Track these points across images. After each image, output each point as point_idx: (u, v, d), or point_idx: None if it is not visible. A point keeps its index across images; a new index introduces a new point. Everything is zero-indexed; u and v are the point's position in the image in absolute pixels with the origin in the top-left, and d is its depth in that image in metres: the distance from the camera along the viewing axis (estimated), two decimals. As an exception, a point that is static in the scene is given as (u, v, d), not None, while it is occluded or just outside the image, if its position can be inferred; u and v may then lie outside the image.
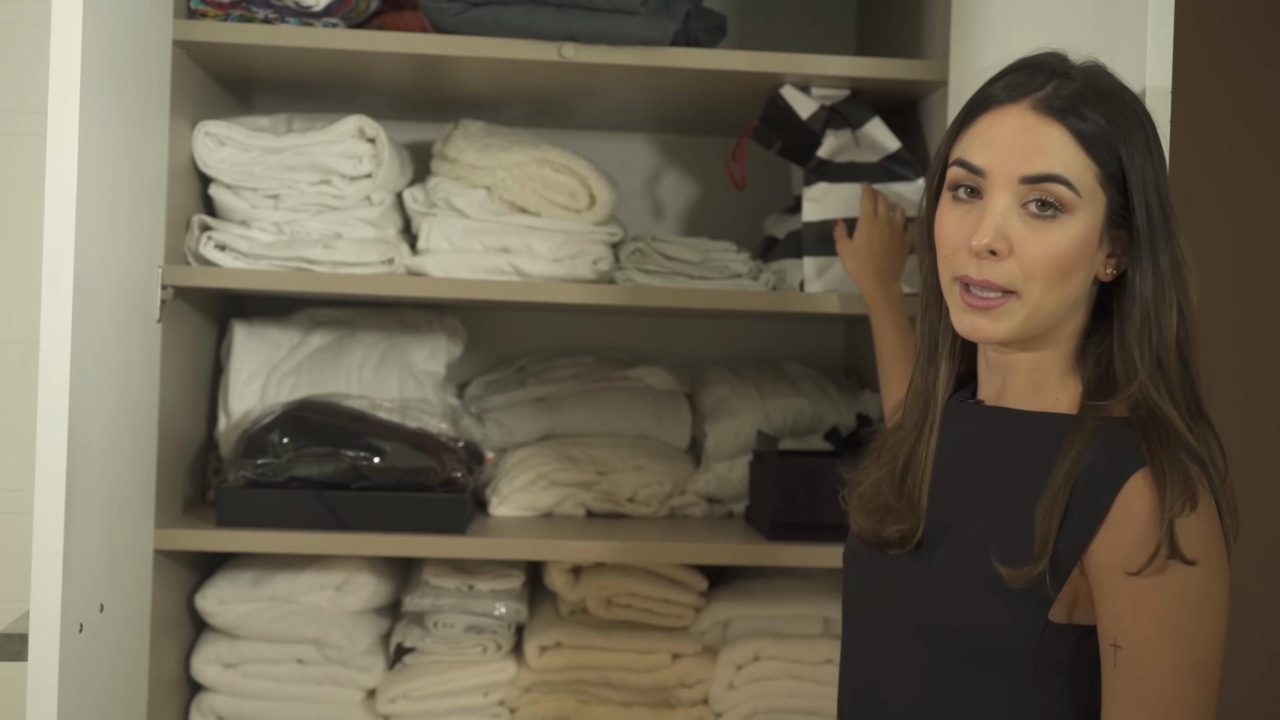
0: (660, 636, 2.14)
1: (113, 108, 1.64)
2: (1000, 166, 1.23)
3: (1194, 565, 1.15)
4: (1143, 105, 1.27)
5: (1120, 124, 1.22)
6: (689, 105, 2.30)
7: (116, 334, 1.70)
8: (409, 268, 2.09)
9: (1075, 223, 1.21)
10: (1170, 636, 1.15)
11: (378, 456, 2.04)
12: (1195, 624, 1.15)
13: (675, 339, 2.58)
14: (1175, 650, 1.15)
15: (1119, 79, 1.27)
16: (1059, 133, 1.22)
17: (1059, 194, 1.21)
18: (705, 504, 2.31)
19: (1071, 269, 1.21)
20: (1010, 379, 1.30)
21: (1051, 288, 1.22)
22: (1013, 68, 1.28)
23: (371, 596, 2.16)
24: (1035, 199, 1.22)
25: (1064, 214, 1.21)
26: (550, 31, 1.98)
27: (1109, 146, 1.22)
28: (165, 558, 2.02)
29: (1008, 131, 1.23)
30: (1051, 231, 1.21)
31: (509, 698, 2.14)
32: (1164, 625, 1.15)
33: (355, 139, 2.07)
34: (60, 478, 1.48)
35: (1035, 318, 1.23)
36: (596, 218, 2.14)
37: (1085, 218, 1.21)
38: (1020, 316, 1.23)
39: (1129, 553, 1.16)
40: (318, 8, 2.03)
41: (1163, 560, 1.14)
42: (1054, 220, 1.21)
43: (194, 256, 2.05)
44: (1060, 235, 1.21)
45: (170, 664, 2.09)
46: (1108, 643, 1.18)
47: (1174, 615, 1.15)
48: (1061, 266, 1.21)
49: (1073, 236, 1.21)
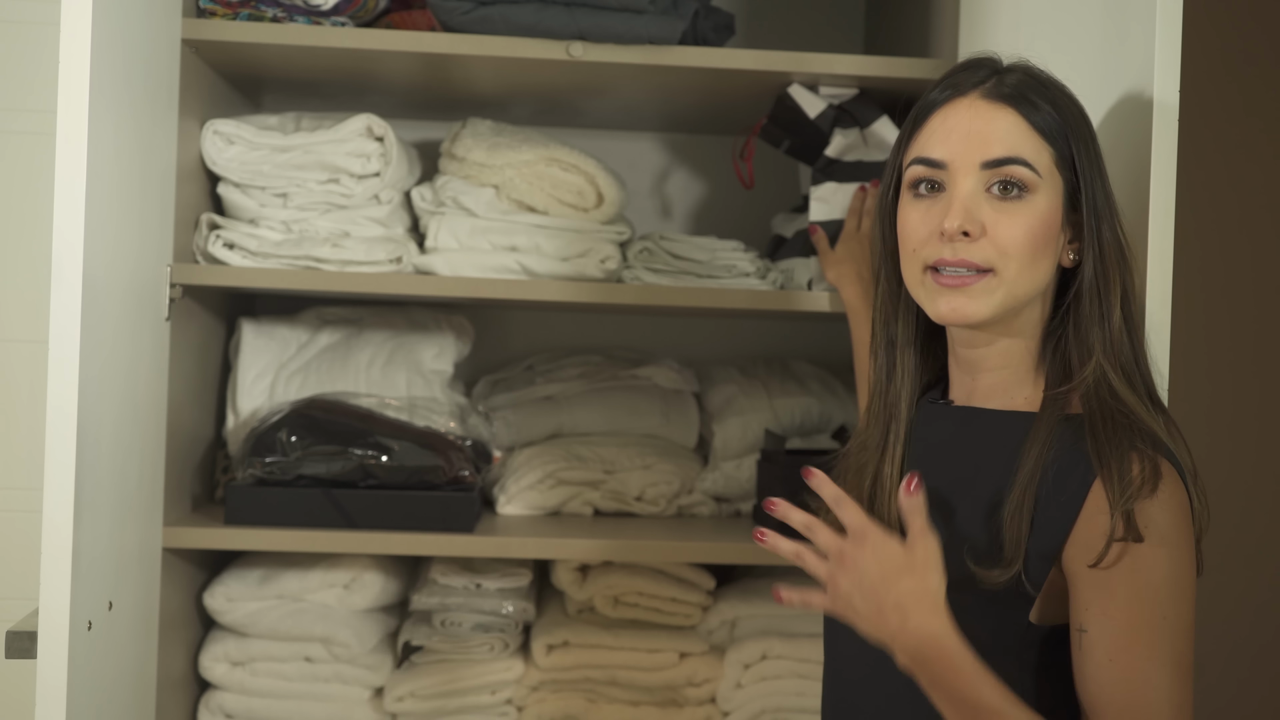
0: (668, 635, 2.14)
1: (122, 106, 1.65)
2: (960, 155, 1.25)
3: (1159, 550, 1.15)
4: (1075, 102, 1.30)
5: (1064, 112, 1.26)
6: (697, 104, 2.30)
7: (125, 332, 1.70)
8: (417, 266, 2.09)
9: (1039, 202, 1.24)
10: (1140, 623, 1.15)
11: (386, 455, 2.04)
12: (1164, 609, 1.15)
13: (683, 338, 2.58)
14: (1146, 636, 1.15)
15: (1053, 76, 1.30)
16: (1012, 116, 1.24)
17: (1020, 175, 1.23)
18: (713, 503, 2.31)
19: (1042, 247, 1.24)
20: (980, 377, 1.31)
21: (1026, 266, 1.23)
22: (950, 72, 1.31)
23: (379, 595, 2.16)
24: (998, 181, 1.24)
25: (1028, 193, 1.24)
26: (559, 30, 1.98)
27: (1058, 131, 1.24)
28: (174, 556, 2.03)
29: (962, 122, 1.26)
30: (1019, 211, 1.23)
31: (516, 696, 2.14)
32: (1132, 612, 1.15)
33: (363, 138, 2.07)
34: (69, 476, 1.49)
35: (1012, 297, 1.24)
36: (604, 216, 2.14)
37: (1047, 197, 1.24)
38: (999, 295, 1.24)
39: (1098, 544, 1.17)
40: (326, 6, 2.03)
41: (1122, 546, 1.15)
42: (1020, 200, 1.23)
43: (202, 255, 2.05)
44: (1028, 213, 1.23)
45: (178, 662, 2.09)
46: (1076, 629, 1.19)
47: (1142, 602, 1.15)
48: (1034, 244, 1.23)
49: (1039, 214, 1.23)
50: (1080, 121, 1.27)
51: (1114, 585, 1.16)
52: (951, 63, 2.01)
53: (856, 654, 1.33)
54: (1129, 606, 1.15)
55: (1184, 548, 1.17)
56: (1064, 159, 1.25)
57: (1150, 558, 1.16)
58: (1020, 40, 1.77)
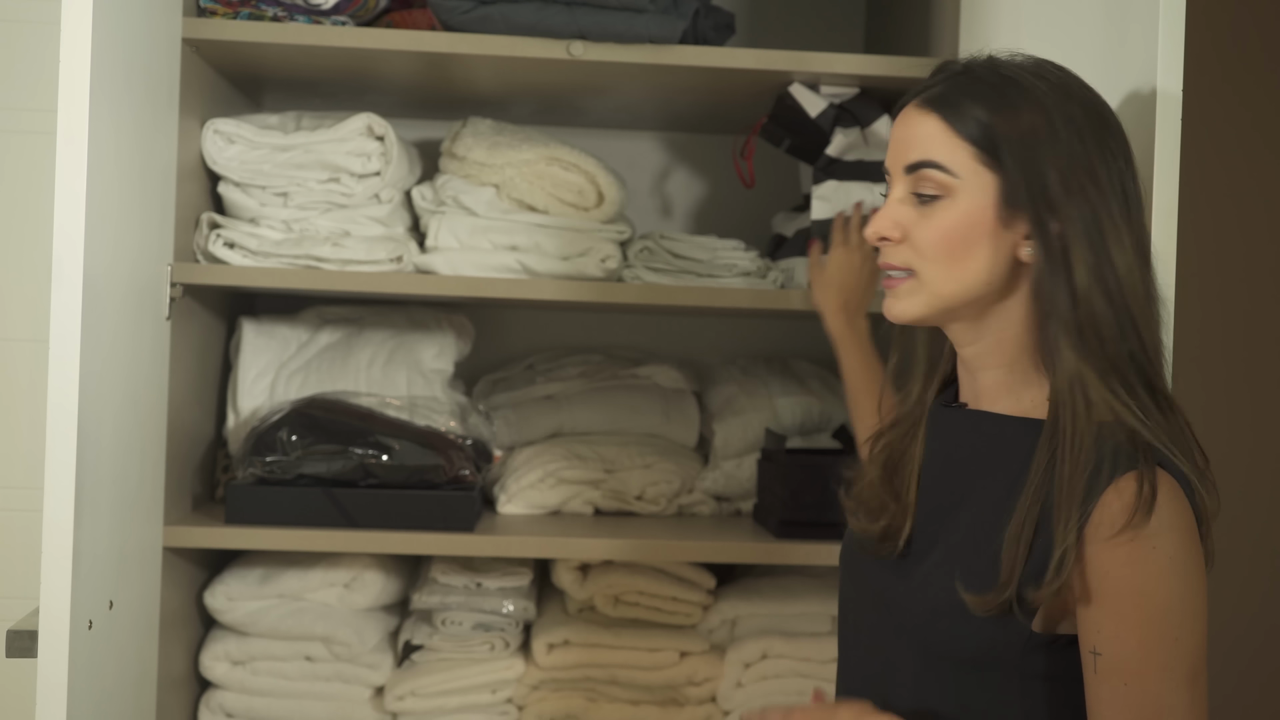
0: (668, 635, 2.14)
1: (122, 106, 1.65)
2: (892, 162, 1.29)
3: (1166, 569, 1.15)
4: (1054, 86, 1.25)
5: (1001, 104, 1.23)
6: (697, 103, 2.30)
7: (126, 332, 1.70)
8: (417, 265, 2.09)
9: (958, 203, 1.24)
10: (1153, 644, 1.15)
11: (386, 454, 2.04)
12: (1177, 630, 1.15)
13: (683, 337, 2.58)
14: (1159, 658, 1.15)
15: (1029, 64, 1.27)
16: (932, 121, 1.25)
17: (934, 178, 1.25)
18: (713, 502, 2.32)
19: (961, 247, 1.24)
20: (979, 376, 1.31)
21: (946, 267, 1.25)
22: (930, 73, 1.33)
23: (380, 594, 2.16)
24: (919, 188, 1.26)
25: (945, 197, 1.25)
26: (559, 29, 1.98)
27: (982, 129, 1.23)
28: (174, 555, 2.03)
29: (897, 129, 1.29)
30: (934, 214, 1.25)
31: (517, 695, 2.14)
32: (1145, 633, 1.15)
33: (364, 137, 2.07)
34: (70, 475, 1.49)
35: (938, 297, 1.26)
36: (605, 216, 2.14)
37: (969, 197, 1.24)
38: (922, 296, 1.27)
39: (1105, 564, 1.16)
40: (327, 5, 2.03)
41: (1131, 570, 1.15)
42: (936, 203, 1.25)
43: (203, 254, 2.05)
44: (943, 216, 1.25)
45: (179, 661, 2.09)
46: (1088, 650, 1.18)
47: (1155, 623, 1.15)
48: (950, 245, 1.24)
49: (955, 216, 1.24)
50: (1024, 112, 1.23)
51: (1125, 609, 1.15)
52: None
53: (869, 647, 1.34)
54: (1142, 629, 1.15)
55: (1192, 563, 1.16)
56: (992, 156, 1.23)
57: (1158, 579, 1.15)
58: (1021, 39, 1.77)
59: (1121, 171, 1.24)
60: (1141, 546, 1.15)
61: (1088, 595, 1.17)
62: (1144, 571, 1.15)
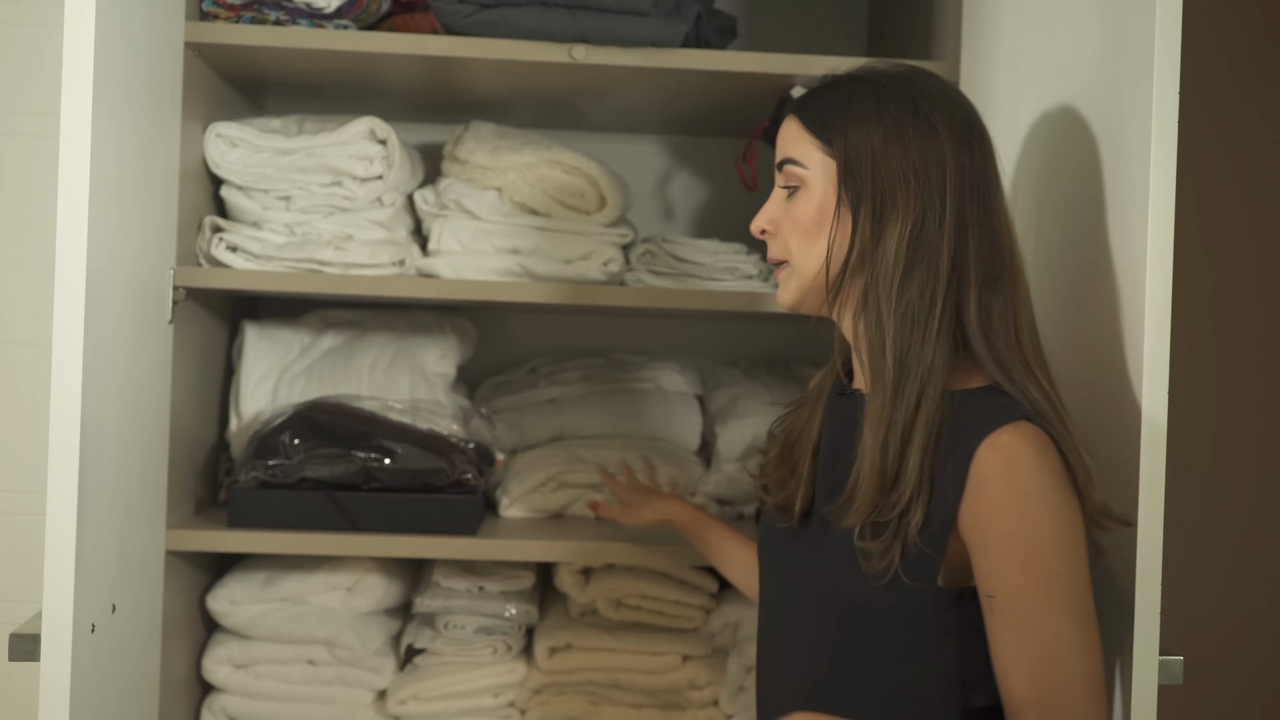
0: (670, 638, 2.14)
1: (125, 109, 1.65)
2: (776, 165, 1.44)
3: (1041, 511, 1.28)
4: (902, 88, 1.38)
5: (847, 102, 1.39)
6: (699, 106, 2.31)
7: (128, 335, 1.70)
8: (420, 269, 2.09)
9: (811, 192, 1.40)
10: (1039, 581, 1.27)
11: (388, 458, 2.04)
12: (1058, 566, 1.28)
13: (686, 340, 2.58)
14: (1046, 593, 1.27)
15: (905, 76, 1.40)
16: (793, 124, 1.43)
17: (791, 172, 1.42)
18: (716, 505, 2.31)
19: (814, 228, 1.39)
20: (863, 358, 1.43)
21: (805, 249, 1.40)
22: None
23: (382, 597, 2.16)
24: (784, 182, 1.43)
25: (802, 188, 1.41)
26: (561, 33, 1.98)
27: (824, 123, 1.39)
28: (177, 558, 2.03)
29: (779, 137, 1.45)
30: (794, 203, 1.42)
31: (519, 699, 2.14)
32: (1030, 572, 1.27)
33: (366, 140, 2.07)
34: (72, 478, 1.49)
35: (804, 278, 1.41)
36: (607, 219, 2.14)
37: (818, 185, 1.39)
38: (794, 280, 1.42)
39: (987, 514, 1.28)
40: (329, 9, 2.03)
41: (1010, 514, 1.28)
42: (796, 194, 1.42)
43: (205, 258, 2.05)
44: (800, 205, 1.41)
45: (181, 664, 2.09)
46: (984, 595, 1.31)
47: (1037, 562, 1.27)
48: (804, 228, 1.40)
49: (810, 203, 1.40)
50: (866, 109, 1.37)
51: (1008, 551, 1.28)
52: (954, 64, 2.02)
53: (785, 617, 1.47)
54: (1027, 569, 1.28)
55: (1065, 509, 1.29)
56: (828, 145, 1.39)
57: (1036, 522, 1.28)
58: (1021, 40, 1.77)
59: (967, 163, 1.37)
60: (1019, 494, 1.28)
61: (976, 544, 1.30)
62: (1023, 516, 1.28)
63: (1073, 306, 1.56)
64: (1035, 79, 1.72)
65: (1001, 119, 1.81)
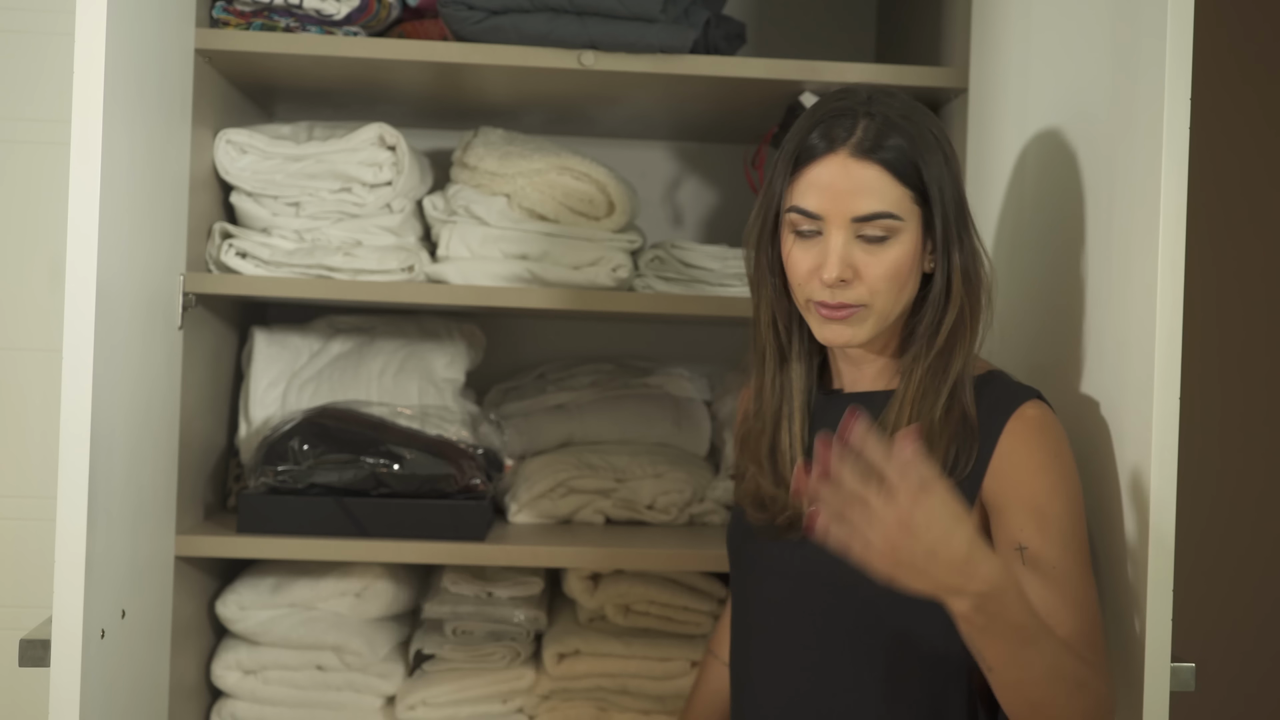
0: (679, 644, 2.14)
1: (136, 116, 1.65)
2: (834, 210, 1.41)
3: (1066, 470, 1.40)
4: (933, 119, 1.46)
5: (918, 145, 1.42)
6: (708, 112, 2.31)
7: (138, 341, 1.71)
8: (429, 275, 2.09)
9: (903, 241, 1.42)
10: (1067, 533, 1.38)
11: (397, 463, 2.04)
12: (1077, 521, 1.39)
13: (695, 346, 2.58)
14: (1073, 545, 1.38)
15: (908, 101, 1.46)
16: (876, 172, 1.40)
17: (888, 225, 1.41)
18: (725, 511, 2.31)
19: (907, 277, 1.43)
20: (864, 367, 1.51)
21: (894, 296, 1.43)
22: (823, 116, 1.44)
23: (391, 603, 2.17)
24: (867, 232, 1.41)
25: (892, 237, 1.41)
26: (570, 39, 1.98)
27: (913, 169, 1.41)
28: (186, 564, 2.03)
29: (835, 179, 1.41)
30: (886, 252, 1.41)
31: (528, 705, 2.14)
32: (1062, 525, 1.38)
33: (376, 147, 2.08)
34: (82, 484, 1.49)
35: (883, 320, 1.44)
36: (616, 225, 2.14)
37: (910, 233, 1.42)
38: (871, 321, 1.44)
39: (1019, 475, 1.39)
40: (339, 16, 2.04)
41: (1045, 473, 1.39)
42: (886, 243, 1.41)
43: (215, 264, 2.06)
44: (894, 254, 1.42)
45: (191, 670, 2.09)
46: (1012, 549, 1.38)
47: (1067, 516, 1.38)
48: (900, 278, 1.43)
49: (903, 252, 1.42)
50: (932, 149, 1.43)
51: (1044, 506, 1.38)
52: (962, 71, 2.01)
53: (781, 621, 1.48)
54: (1061, 523, 1.38)
55: (1074, 467, 1.42)
56: (920, 192, 1.42)
57: (1064, 479, 1.40)
58: (1031, 46, 1.77)
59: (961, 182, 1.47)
60: (1051, 455, 1.40)
61: (1005, 503, 1.39)
62: (1056, 475, 1.39)
63: (1081, 313, 1.56)
64: (1044, 84, 1.72)
65: (1009, 124, 1.81)
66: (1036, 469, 1.39)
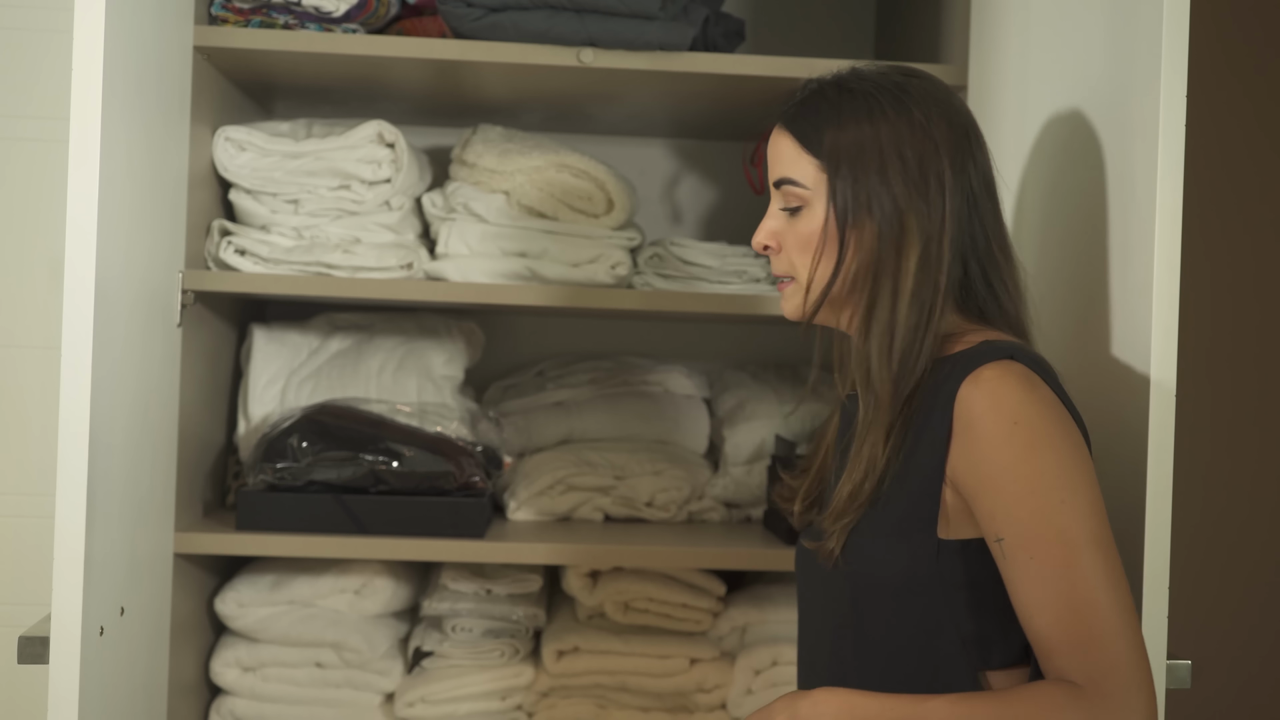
0: (678, 641, 2.14)
1: (134, 113, 1.65)
2: (770, 179, 1.41)
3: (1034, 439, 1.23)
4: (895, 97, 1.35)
5: (844, 115, 1.35)
6: (707, 110, 2.31)
7: (137, 338, 1.71)
8: (428, 272, 2.09)
9: (814, 210, 1.36)
10: (1043, 512, 1.21)
11: (396, 461, 2.04)
12: (1061, 494, 1.21)
13: (693, 344, 2.58)
14: (1055, 524, 1.20)
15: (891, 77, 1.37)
16: (787, 140, 1.38)
17: (792, 192, 1.37)
18: (723, 509, 2.31)
19: (818, 247, 1.36)
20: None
21: (809, 267, 1.36)
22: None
23: (390, 600, 2.17)
24: (785, 202, 1.38)
25: (804, 206, 1.37)
26: (569, 37, 1.98)
27: (818, 140, 1.35)
28: (185, 561, 2.03)
29: (769, 148, 1.41)
30: (797, 223, 1.37)
31: (527, 702, 2.14)
32: (1032, 505, 1.21)
33: (374, 144, 2.08)
34: (81, 482, 1.49)
35: (814, 292, 1.37)
36: (615, 222, 2.14)
37: (820, 202, 1.36)
38: (799, 294, 1.38)
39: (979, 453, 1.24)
40: (338, 13, 2.04)
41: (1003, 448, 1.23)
42: (798, 213, 1.37)
43: (214, 261, 2.06)
44: (804, 224, 1.37)
45: (190, 667, 2.09)
46: (992, 541, 1.24)
47: (1037, 493, 1.21)
48: (811, 249, 1.36)
49: (814, 222, 1.36)
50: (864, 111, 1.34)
51: (1007, 486, 1.23)
52: (961, 68, 2.02)
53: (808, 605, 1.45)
54: (1027, 501, 1.21)
55: (1060, 436, 1.24)
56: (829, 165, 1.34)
57: (1028, 452, 1.23)
58: (1029, 43, 1.77)
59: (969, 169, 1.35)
60: (1008, 425, 1.23)
61: (975, 489, 1.25)
62: (1017, 447, 1.23)
63: (1079, 309, 1.56)
64: (1042, 81, 1.72)
65: (1009, 121, 1.81)
66: (995, 441, 1.24)
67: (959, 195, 1.33)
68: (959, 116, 1.37)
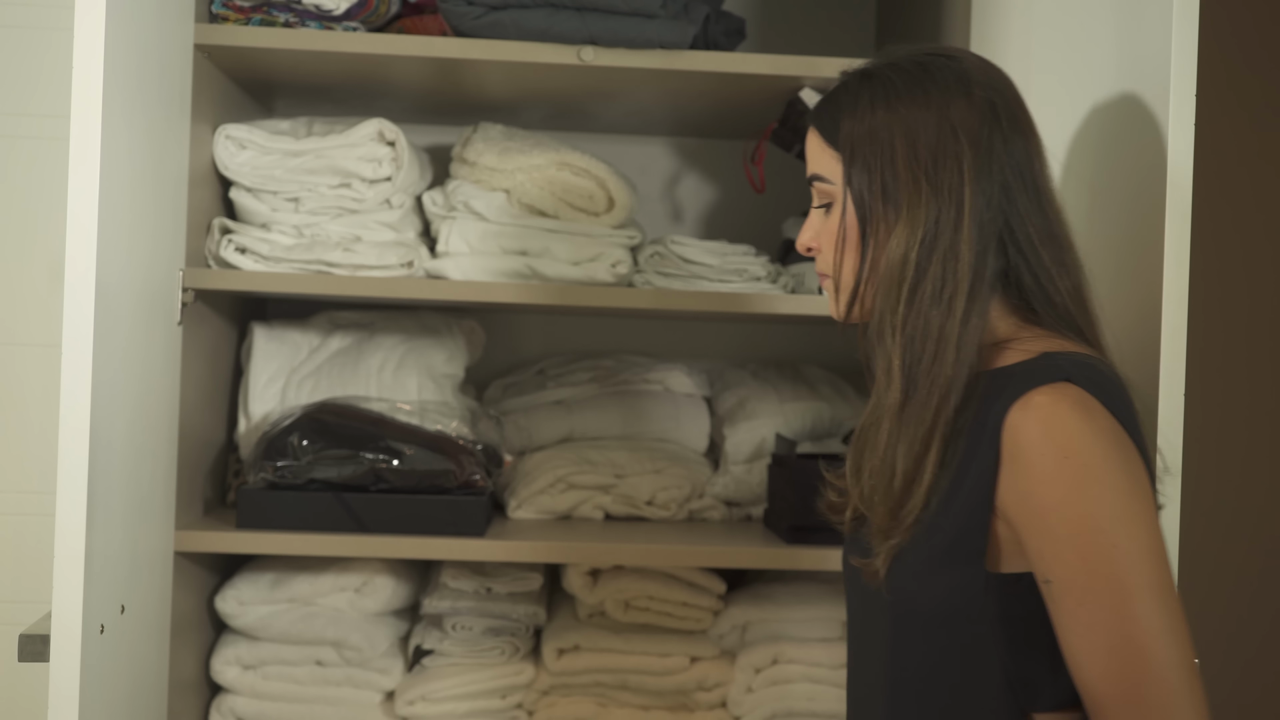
0: (678, 639, 2.14)
1: (135, 111, 1.65)
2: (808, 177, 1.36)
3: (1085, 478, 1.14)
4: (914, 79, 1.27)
5: (852, 99, 1.30)
6: (708, 108, 2.30)
7: (138, 337, 1.71)
8: (428, 271, 2.09)
9: (843, 207, 1.30)
10: (1093, 557, 1.13)
11: (397, 459, 2.04)
12: (1116, 538, 1.12)
13: (694, 342, 2.58)
14: (1105, 570, 1.12)
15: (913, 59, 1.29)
16: (814, 137, 1.34)
17: (822, 189, 1.33)
18: (724, 507, 2.31)
19: (855, 244, 1.29)
20: None
21: (845, 263, 1.31)
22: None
23: (390, 599, 2.17)
24: (818, 199, 1.34)
25: (835, 203, 1.32)
26: (570, 35, 1.98)
27: (838, 134, 1.30)
28: (185, 559, 2.03)
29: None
30: (831, 220, 1.32)
31: (527, 700, 2.14)
32: (1081, 547, 1.13)
33: (375, 142, 2.07)
34: (82, 480, 1.49)
35: (844, 290, 1.32)
36: (615, 221, 2.14)
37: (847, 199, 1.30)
38: (839, 294, 1.33)
39: (1027, 487, 1.16)
40: (338, 11, 2.03)
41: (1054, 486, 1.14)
42: (831, 210, 1.33)
43: (214, 259, 2.05)
44: (834, 219, 1.32)
45: (190, 665, 2.09)
46: (1041, 581, 1.17)
47: (1087, 535, 1.13)
48: (844, 246, 1.30)
49: (839, 219, 1.31)
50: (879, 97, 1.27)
51: (1056, 527, 1.14)
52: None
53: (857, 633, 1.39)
54: (1077, 544, 1.13)
55: (1116, 471, 1.15)
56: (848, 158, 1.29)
57: (1079, 490, 1.14)
58: (1032, 41, 1.77)
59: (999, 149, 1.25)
60: (1059, 458, 1.14)
61: (1023, 524, 1.17)
62: (1067, 485, 1.14)
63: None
64: (1047, 79, 1.72)
65: (1011, 121, 1.81)
66: (1044, 476, 1.15)
67: (986, 180, 1.23)
68: (989, 95, 1.26)
